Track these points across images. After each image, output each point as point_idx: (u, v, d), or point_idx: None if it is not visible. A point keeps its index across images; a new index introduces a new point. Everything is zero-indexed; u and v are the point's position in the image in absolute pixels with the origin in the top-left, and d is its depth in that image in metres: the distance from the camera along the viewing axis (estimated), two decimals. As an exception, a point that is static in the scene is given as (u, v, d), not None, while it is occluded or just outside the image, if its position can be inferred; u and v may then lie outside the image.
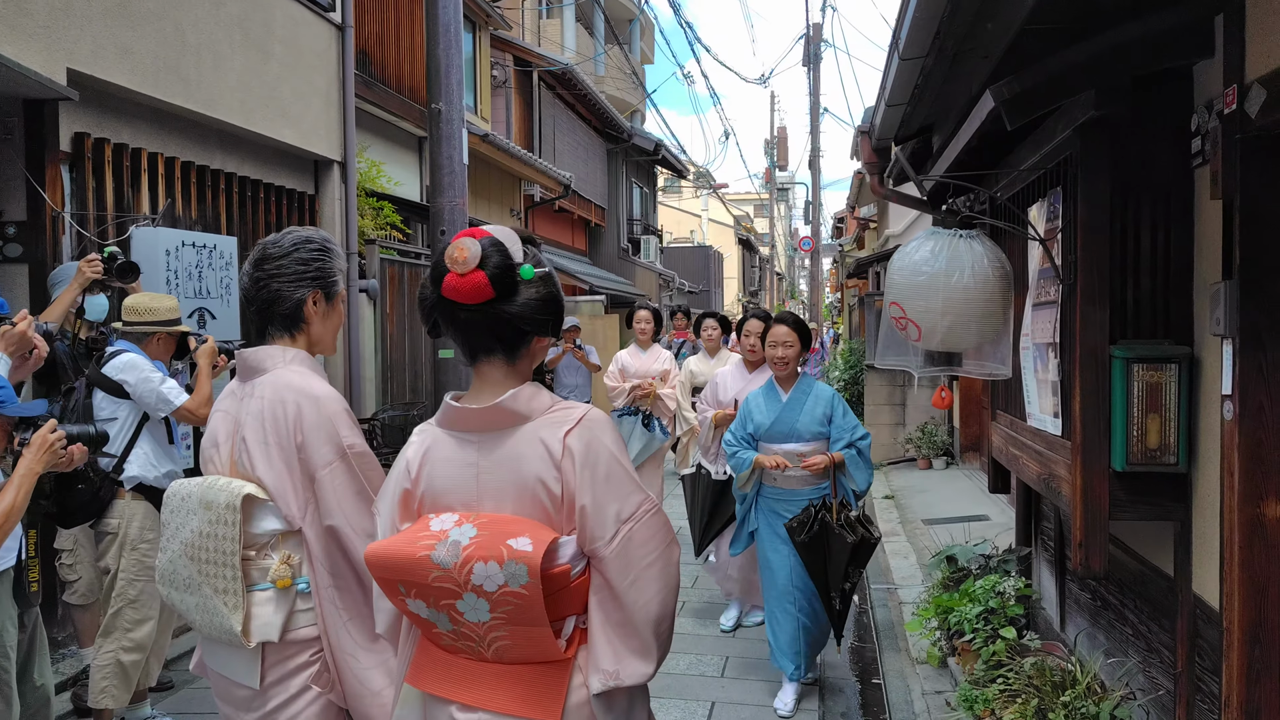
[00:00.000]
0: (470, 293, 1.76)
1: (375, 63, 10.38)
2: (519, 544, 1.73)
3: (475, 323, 1.82)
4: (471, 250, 1.77)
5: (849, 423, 4.54)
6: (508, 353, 1.87)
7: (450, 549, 1.75)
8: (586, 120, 19.87)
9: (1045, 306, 3.51)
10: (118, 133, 5.59)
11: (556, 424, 1.82)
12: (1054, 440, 3.52)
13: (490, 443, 1.84)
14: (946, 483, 9.99)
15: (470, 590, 1.74)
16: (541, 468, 1.80)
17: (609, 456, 1.82)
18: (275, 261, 2.31)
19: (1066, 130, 3.23)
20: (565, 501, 1.80)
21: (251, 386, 2.33)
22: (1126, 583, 3.68)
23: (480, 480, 1.84)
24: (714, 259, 34.04)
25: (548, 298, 1.87)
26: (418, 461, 1.90)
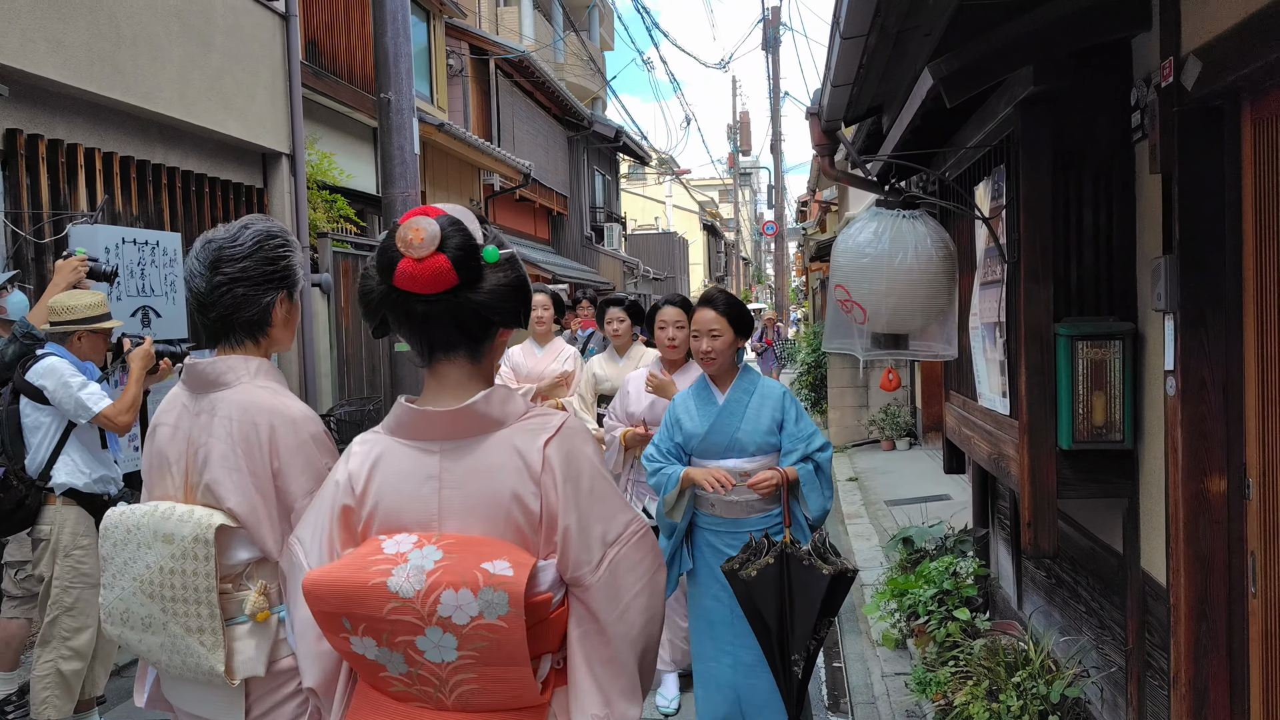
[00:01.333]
0: (430, 280, 1.51)
1: (325, 53, 10.22)
2: (497, 567, 1.48)
3: (436, 316, 1.57)
4: (429, 230, 1.51)
5: (803, 430, 3.57)
6: (472, 349, 1.63)
7: (411, 574, 1.49)
8: (546, 108, 19.74)
9: (991, 286, 3.49)
10: (52, 128, 5.44)
11: (534, 431, 1.59)
12: (1002, 419, 3.51)
13: (455, 452, 1.59)
14: (909, 463, 10.03)
15: (436, 624, 1.48)
16: (518, 481, 1.56)
17: (593, 469, 1.61)
18: (238, 264, 2.06)
19: (1007, 107, 3.20)
20: (544, 521, 1.57)
21: (210, 402, 2.09)
22: (1079, 560, 3.68)
23: (443, 496, 1.58)
24: (679, 245, 34.00)
25: (517, 283, 1.62)
26: (364, 474, 1.63)
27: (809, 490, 3.49)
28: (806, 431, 3.57)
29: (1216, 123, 2.58)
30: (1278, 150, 2.37)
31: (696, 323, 3.63)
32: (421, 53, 13.92)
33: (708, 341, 3.56)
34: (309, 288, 7.83)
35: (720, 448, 3.56)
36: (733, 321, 3.58)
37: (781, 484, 3.47)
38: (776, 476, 3.46)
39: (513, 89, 17.66)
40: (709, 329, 3.57)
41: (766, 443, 3.56)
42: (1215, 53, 2.41)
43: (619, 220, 25.21)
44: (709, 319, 3.58)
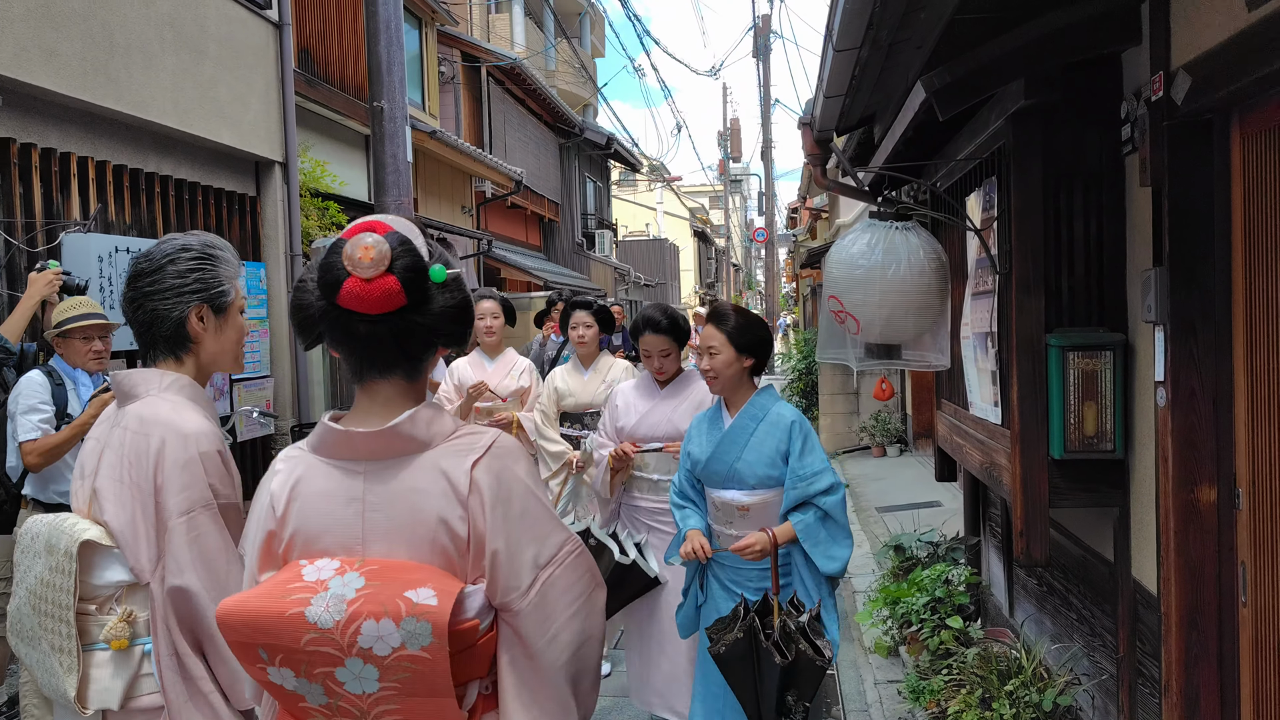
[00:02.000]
0: (378, 301, 1.46)
1: (318, 61, 10.23)
2: (420, 596, 1.43)
3: (378, 336, 1.51)
4: (378, 249, 1.46)
5: (808, 466, 3.13)
6: (409, 370, 1.58)
7: (331, 604, 1.42)
8: (538, 115, 19.77)
9: (983, 296, 3.52)
10: (45, 137, 5.43)
11: (461, 452, 1.53)
12: (994, 429, 3.53)
13: (380, 474, 1.52)
14: (900, 470, 10.06)
15: (356, 655, 1.42)
16: (444, 505, 1.50)
17: (524, 490, 1.55)
18: (148, 277, 2.03)
19: (999, 120, 3.24)
20: (472, 545, 1.51)
21: (124, 414, 2.04)
22: (1070, 568, 3.71)
23: (367, 519, 1.51)
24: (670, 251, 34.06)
25: (463, 304, 1.59)
26: (284, 495, 1.56)
27: (811, 545, 3.09)
28: (810, 469, 3.14)
29: (1206, 136, 2.61)
30: (1266, 164, 2.40)
31: (700, 339, 3.36)
32: (413, 60, 13.92)
33: (706, 359, 3.29)
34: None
35: (720, 477, 3.27)
36: (733, 339, 3.24)
37: (768, 550, 3.08)
38: (759, 542, 3.09)
39: (504, 96, 17.68)
40: (707, 345, 3.29)
41: (767, 476, 3.20)
42: (1204, 68, 2.44)
43: (610, 227, 25.24)
44: (706, 334, 3.30)
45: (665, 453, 3.87)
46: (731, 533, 3.26)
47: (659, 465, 3.92)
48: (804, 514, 3.13)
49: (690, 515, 3.37)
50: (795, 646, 2.92)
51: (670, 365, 3.92)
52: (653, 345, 3.86)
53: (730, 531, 3.26)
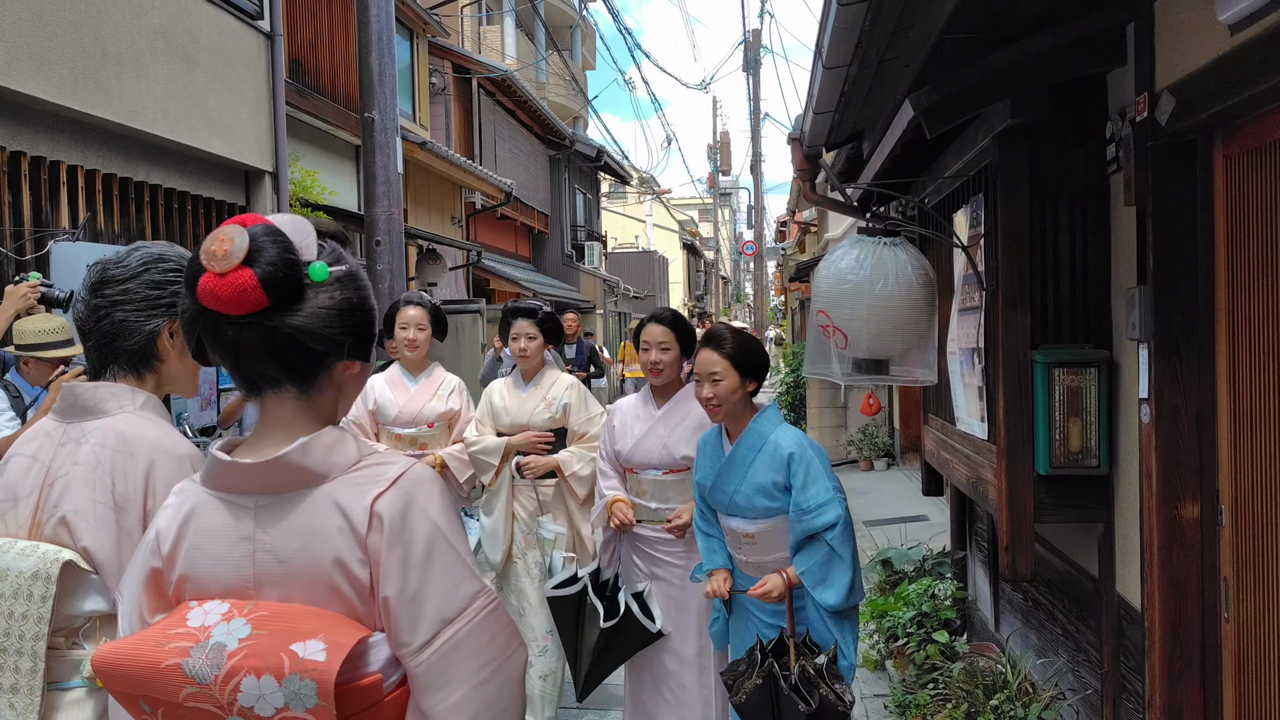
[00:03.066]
0: (233, 299, 1.29)
1: (309, 71, 10.24)
2: (308, 649, 1.27)
3: (246, 341, 1.34)
4: (235, 242, 1.30)
5: (810, 499, 2.98)
6: (298, 384, 1.40)
7: (211, 655, 1.28)
8: (528, 127, 19.81)
9: (970, 312, 3.55)
10: (35, 145, 5.43)
11: (363, 485, 1.36)
12: (981, 444, 3.56)
13: (272, 510, 1.36)
14: (887, 483, 10.09)
15: (237, 714, 1.28)
16: (341, 545, 1.34)
17: (430, 530, 1.36)
18: (119, 285, 1.86)
19: (986, 138, 3.27)
20: (376, 590, 1.36)
21: (81, 430, 1.85)
22: (1055, 583, 3.73)
23: (258, 560, 1.36)
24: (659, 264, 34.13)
25: (346, 306, 1.38)
26: (173, 533, 1.40)
27: (813, 584, 2.98)
28: (813, 501, 2.97)
29: (1189, 157, 2.65)
30: (1248, 184, 2.44)
31: (698, 364, 3.18)
32: (404, 71, 13.95)
33: (708, 387, 3.11)
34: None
35: (723, 506, 3.18)
36: (736, 363, 3.10)
37: (784, 593, 3.02)
38: (775, 588, 3.02)
39: (495, 108, 17.71)
40: (708, 372, 3.10)
41: (766, 508, 3.07)
42: (1188, 90, 2.47)
43: (600, 239, 25.28)
44: (706, 360, 3.12)
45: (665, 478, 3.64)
46: (741, 558, 3.21)
47: (656, 493, 3.67)
48: (810, 556, 2.99)
49: (714, 550, 3.27)
50: (817, 693, 2.84)
51: (668, 361, 3.59)
52: (652, 336, 3.60)
53: (740, 556, 3.22)
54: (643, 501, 3.69)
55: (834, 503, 3.00)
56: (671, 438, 3.61)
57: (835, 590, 2.99)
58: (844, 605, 3.01)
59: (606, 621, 3.41)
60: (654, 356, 3.58)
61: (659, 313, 3.71)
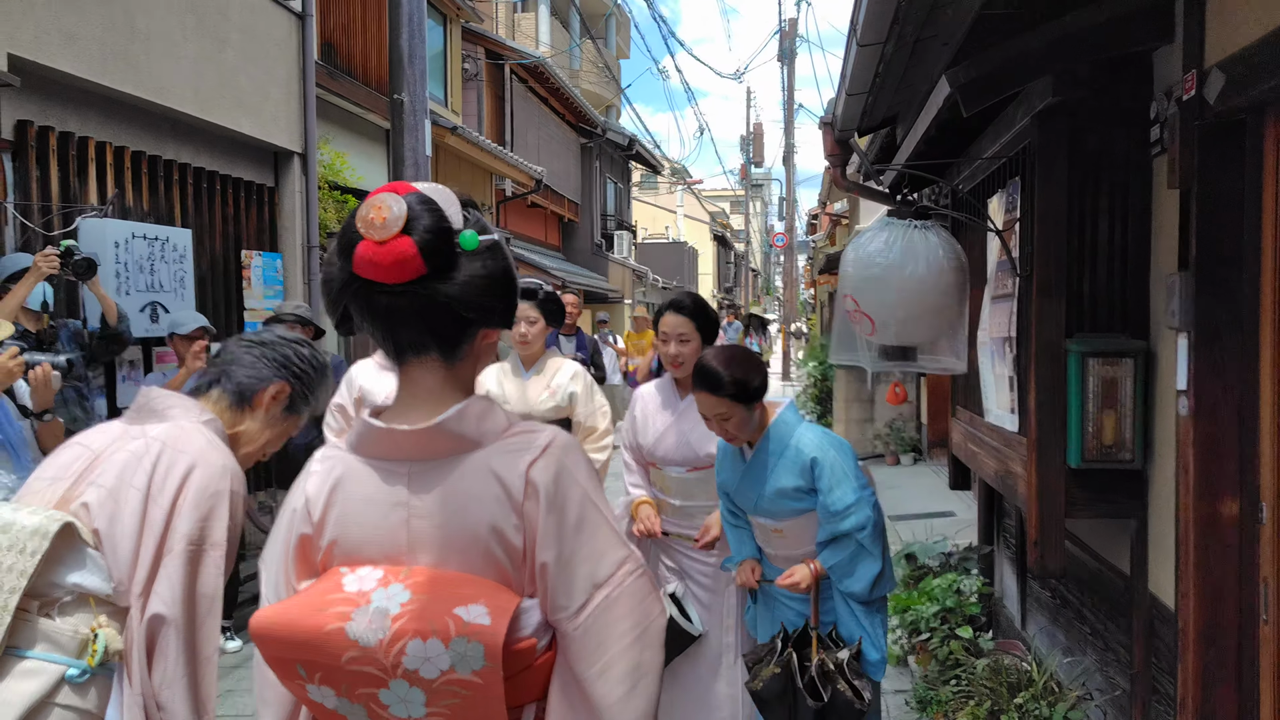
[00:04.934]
0: (392, 268, 1.30)
1: (341, 54, 10.24)
2: (471, 614, 1.29)
3: (400, 310, 1.35)
4: (394, 209, 1.31)
5: (838, 500, 2.88)
6: (444, 351, 1.41)
7: (374, 619, 1.30)
8: (560, 115, 19.76)
9: (1002, 300, 3.44)
10: (64, 121, 5.43)
11: (516, 452, 1.38)
12: (1010, 437, 3.46)
13: (426, 476, 1.38)
14: (914, 479, 9.96)
15: (401, 677, 1.30)
16: (497, 512, 1.36)
17: (581, 497, 1.39)
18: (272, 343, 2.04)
19: (1025, 118, 3.17)
20: (529, 555, 1.38)
21: (141, 430, 1.88)
22: (1085, 581, 3.63)
23: (413, 527, 1.37)
24: (689, 255, 34.01)
25: (498, 275, 1.39)
26: (322, 499, 1.42)
27: (840, 577, 2.92)
28: (840, 503, 2.88)
29: (1238, 137, 2.53)
30: (1300, 167, 2.33)
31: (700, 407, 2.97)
32: (437, 56, 13.95)
33: (717, 425, 2.95)
34: (317, 287, 7.80)
35: (748, 508, 3.10)
36: (741, 398, 2.89)
37: (812, 584, 2.94)
38: (803, 578, 2.93)
39: (527, 94, 17.68)
40: (716, 412, 2.92)
41: (793, 509, 2.98)
42: (1240, 66, 2.37)
43: (629, 228, 25.21)
44: (709, 404, 2.92)
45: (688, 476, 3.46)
46: (771, 551, 3.12)
47: (681, 490, 3.49)
48: (838, 551, 2.91)
49: (743, 540, 3.19)
50: (833, 687, 2.76)
51: (688, 354, 3.33)
52: (670, 326, 3.35)
53: (770, 550, 3.12)
54: (667, 498, 3.54)
55: (862, 503, 2.90)
56: (694, 434, 3.38)
57: (861, 581, 2.91)
58: (869, 595, 2.92)
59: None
60: (673, 349, 3.32)
61: (677, 299, 3.43)
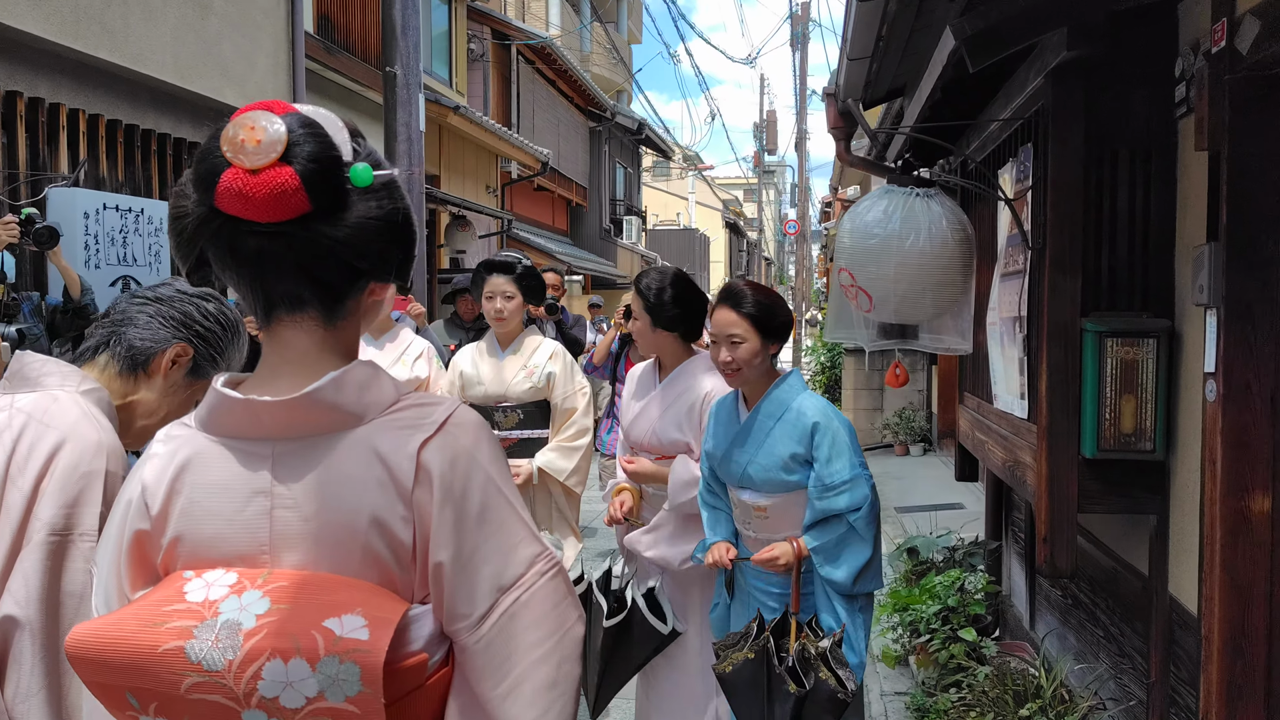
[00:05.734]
0: (267, 202, 1.05)
1: (339, 29, 10.00)
2: (345, 626, 1.06)
3: (273, 255, 1.10)
4: (270, 130, 1.06)
5: (836, 473, 2.69)
6: (325, 309, 1.16)
7: (223, 636, 1.05)
8: (568, 97, 19.49)
9: (1013, 277, 3.19)
10: (34, 86, 5.21)
11: (406, 428, 1.14)
12: (1020, 424, 3.20)
13: (294, 458, 1.14)
14: (923, 469, 9.71)
15: (257, 707, 1.06)
16: (380, 500, 1.12)
17: (485, 482, 1.16)
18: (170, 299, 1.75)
19: (1038, 78, 2.90)
20: (420, 553, 1.14)
21: (9, 401, 1.63)
22: (1098, 580, 3.37)
23: (276, 519, 1.13)
24: (700, 242, 33.69)
25: (395, 218, 1.15)
26: (164, 488, 1.16)
27: (823, 561, 2.70)
28: (837, 477, 2.68)
29: (1273, 92, 2.27)
30: (1348, 121, 2.06)
31: (714, 325, 2.81)
32: (442, 35, 13.72)
33: (726, 350, 2.76)
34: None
35: (734, 478, 2.86)
36: (759, 325, 2.75)
37: (791, 564, 2.71)
38: (783, 554, 2.71)
39: (534, 76, 17.41)
40: (727, 334, 2.76)
41: (782, 481, 2.76)
42: (1276, 10, 2.10)
43: (639, 214, 24.93)
44: (724, 320, 2.77)
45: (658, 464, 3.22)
46: (750, 534, 2.88)
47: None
48: (825, 532, 2.70)
49: (719, 522, 2.97)
50: (815, 675, 2.54)
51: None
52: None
53: (749, 533, 2.88)
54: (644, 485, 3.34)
55: (860, 481, 2.71)
56: (662, 420, 3.19)
57: (846, 568, 2.70)
58: (852, 586, 2.71)
59: (610, 619, 3.05)
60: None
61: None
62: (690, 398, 3.19)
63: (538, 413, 3.79)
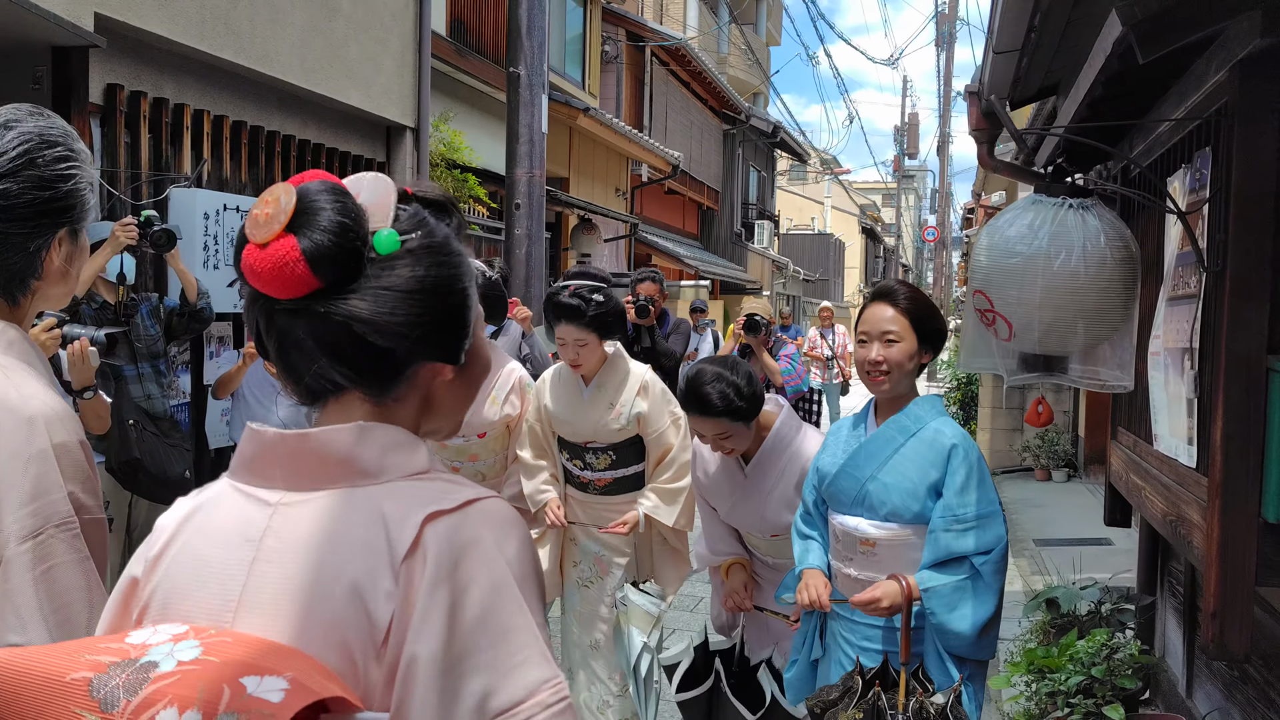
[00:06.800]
0: (273, 276, 0.97)
1: (471, 31, 10.04)
2: (262, 685, 0.88)
3: (293, 333, 1.01)
4: (281, 202, 0.98)
5: (970, 506, 2.38)
6: (370, 387, 1.04)
7: (133, 676, 0.89)
8: (703, 100, 19.27)
9: (1182, 301, 2.75)
10: (159, 86, 5.26)
11: (419, 497, 0.99)
12: (1186, 473, 2.77)
13: (297, 509, 1.00)
14: (1066, 497, 9.05)
15: None
16: (364, 565, 0.96)
17: (498, 582, 0.96)
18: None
19: (1220, 71, 2.48)
20: (393, 641, 0.94)
21: None
22: (1274, 657, 2.90)
23: (255, 572, 0.99)
24: (835, 247, 33.01)
25: (418, 287, 1.02)
26: (169, 531, 1.07)
27: (940, 607, 2.36)
28: (971, 510, 2.37)
29: None
30: None
31: (865, 322, 2.53)
32: (576, 38, 13.70)
33: (878, 348, 2.47)
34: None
35: (846, 498, 2.53)
36: (916, 325, 2.48)
37: (898, 606, 2.36)
38: (887, 595, 2.36)
39: (668, 78, 17.24)
40: (881, 331, 2.47)
41: (903, 508, 2.44)
42: None
43: (771, 218, 24.50)
44: (878, 317, 2.50)
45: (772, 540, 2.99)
46: (850, 573, 2.54)
47: (767, 549, 3.05)
48: (944, 574, 2.37)
49: (811, 550, 2.67)
50: None
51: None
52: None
53: (848, 571, 2.55)
54: (757, 554, 3.11)
55: (996, 520, 2.41)
56: (768, 505, 2.93)
57: (967, 620, 2.36)
58: (975, 641, 2.37)
59: (755, 714, 2.79)
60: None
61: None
62: (795, 470, 2.90)
63: (630, 450, 3.48)
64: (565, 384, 3.48)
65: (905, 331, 2.48)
